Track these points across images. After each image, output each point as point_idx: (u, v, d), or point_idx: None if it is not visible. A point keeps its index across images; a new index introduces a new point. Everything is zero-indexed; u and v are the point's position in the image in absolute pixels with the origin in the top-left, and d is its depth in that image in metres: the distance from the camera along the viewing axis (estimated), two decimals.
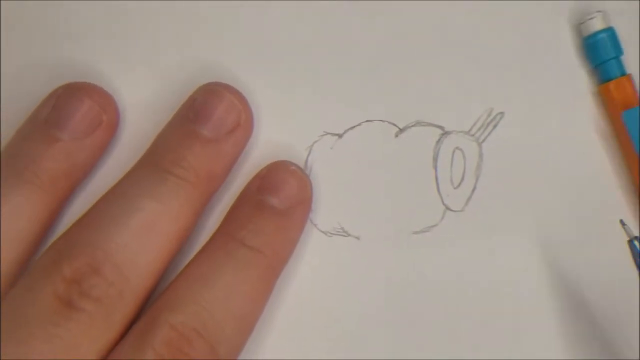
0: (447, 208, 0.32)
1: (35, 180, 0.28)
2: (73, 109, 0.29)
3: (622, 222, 0.30)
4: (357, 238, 0.32)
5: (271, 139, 0.32)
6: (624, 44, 0.32)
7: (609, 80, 0.32)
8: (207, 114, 0.30)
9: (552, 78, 0.33)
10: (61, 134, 0.29)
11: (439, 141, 0.32)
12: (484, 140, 0.32)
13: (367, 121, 0.32)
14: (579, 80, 0.33)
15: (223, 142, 0.30)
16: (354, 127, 0.32)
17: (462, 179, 0.32)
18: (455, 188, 0.32)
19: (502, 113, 0.32)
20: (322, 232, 0.32)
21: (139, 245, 0.28)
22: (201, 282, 0.28)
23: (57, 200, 0.29)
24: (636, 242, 0.29)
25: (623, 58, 0.32)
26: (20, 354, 0.25)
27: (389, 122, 0.32)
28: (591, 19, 0.32)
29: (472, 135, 0.32)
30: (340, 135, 0.32)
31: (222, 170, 0.30)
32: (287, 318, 0.31)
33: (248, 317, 0.29)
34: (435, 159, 0.32)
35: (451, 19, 0.33)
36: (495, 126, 0.32)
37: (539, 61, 0.33)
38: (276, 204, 0.30)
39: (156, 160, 0.29)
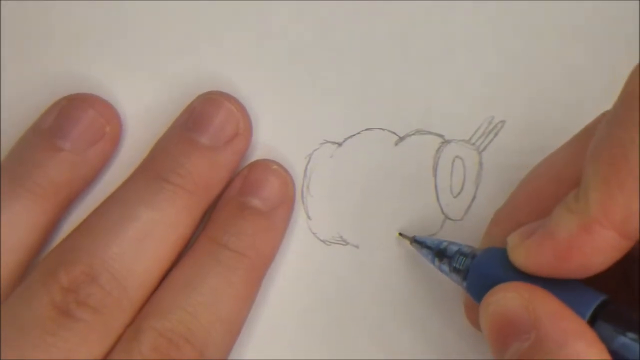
0: (447, 217, 0.32)
1: (36, 188, 0.29)
2: (76, 119, 0.30)
3: (400, 234, 0.31)
4: (356, 247, 0.32)
5: (271, 147, 0.32)
6: (624, 45, 0.32)
7: None
8: (206, 123, 0.30)
9: (554, 85, 0.32)
10: (64, 144, 0.29)
11: (439, 150, 0.32)
12: (484, 149, 0.32)
13: (366, 129, 0.32)
14: (581, 87, 0.33)
15: (222, 150, 0.30)
16: (353, 135, 0.32)
17: (462, 188, 0.32)
18: (454, 197, 0.32)
19: (503, 121, 0.32)
20: (321, 240, 0.32)
21: (136, 254, 0.28)
22: (186, 287, 0.28)
23: (58, 209, 0.29)
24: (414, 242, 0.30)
25: None
26: None
27: (389, 131, 0.32)
28: None
29: (473, 143, 0.32)
30: (339, 144, 0.32)
31: (220, 178, 0.30)
32: (286, 326, 0.31)
33: (234, 319, 0.29)
34: (435, 168, 0.32)
35: (452, 27, 0.32)
36: (496, 135, 0.32)
37: (541, 68, 0.32)
38: (258, 204, 0.30)
39: (154, 168, 0.29)
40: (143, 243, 0.28)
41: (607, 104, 0.32)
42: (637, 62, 0.32)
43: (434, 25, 0.32)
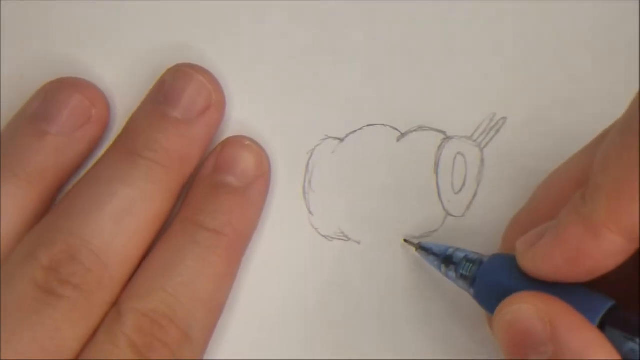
0: (448, 213, 0.32)
1: (21, 173, 0.28)
2: (61, 103, 0.30)
3: (405, 240, 0.31)
4: (358, 243, 0.31)
5: (272, 142, 0.32)
6: (624, 45, 0.32)
7: None
8: (177, 96, 0.30)
9: (555, 83, 0.32)
10: (49, 128, 0.29)
11: (440, 146, 0.32)
12: (486, 146, 0.32)
13: (368, 125, 0.32)
14: (581, 86, 0.33)
15: (194, 123, 0.30)
16: (355, 131, 0.32)
17: (464, 184, 0.32)
18: (456, 193, 0.32)
19: (504, 118, 0.32)
20: (323, 236, 0.31)
21: (114, 231, 0.28)
22: (165, 269, 0.28)
23: (45, 194, 0.29)
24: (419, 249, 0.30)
25: None
26: (3, 342, 0.25)
27: (391, 127, 0.32)
28: None
29: (474, 140, 0.32)
30: (341, 140, 0.32)
31: (195, 151, 0.30)
32: (288, 322, 0.31)
33: (215, 298, 0.29)
34: (436, 164, 0.32)
35: (453, 24, 0.33)
36: (497, 131, 0.32)
37: (542, 66, 0.32)
38: (233, 181, 0.30)
39: (127, 145, 0.29)
40: (120, 219, 0.28)
41: (607, 103, 0.32)
42: (637, 62, 0.33)
43: (437, 22, 0.33)
